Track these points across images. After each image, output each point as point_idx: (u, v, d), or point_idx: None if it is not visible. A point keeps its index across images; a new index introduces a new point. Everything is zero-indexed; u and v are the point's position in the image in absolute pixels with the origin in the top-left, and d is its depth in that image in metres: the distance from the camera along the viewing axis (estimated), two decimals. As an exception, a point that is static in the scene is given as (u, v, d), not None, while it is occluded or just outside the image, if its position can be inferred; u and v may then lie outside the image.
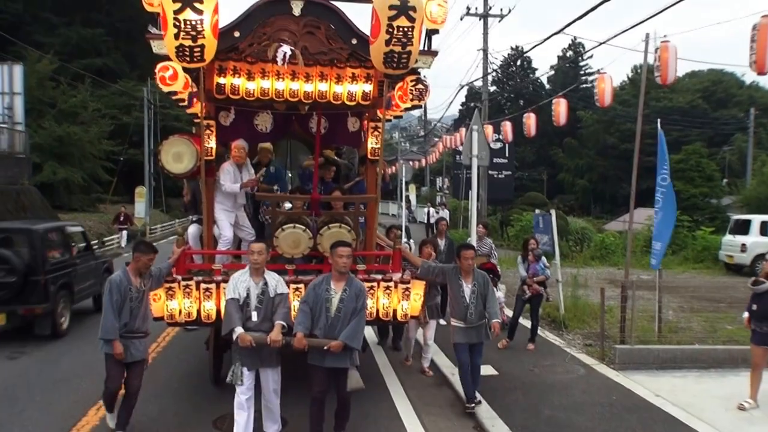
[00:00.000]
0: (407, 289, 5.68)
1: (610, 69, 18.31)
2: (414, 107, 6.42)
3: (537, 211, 12.34)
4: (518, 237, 20.46)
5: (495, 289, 6.29)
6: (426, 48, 5.52)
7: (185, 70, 5.29)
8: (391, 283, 5.63)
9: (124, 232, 22.37)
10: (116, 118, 29.55)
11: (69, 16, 30.84)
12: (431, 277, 6.06)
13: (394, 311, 5.69)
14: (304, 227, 5.77)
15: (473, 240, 8.85)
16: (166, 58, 5.14)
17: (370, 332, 8.79)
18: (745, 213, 20.31)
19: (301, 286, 5.40)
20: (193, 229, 6.92)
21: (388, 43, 4.71)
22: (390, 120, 7.72)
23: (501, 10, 25.57)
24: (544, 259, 8.55)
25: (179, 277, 5.42)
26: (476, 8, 24.09)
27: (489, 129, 20.50)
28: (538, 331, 8.55)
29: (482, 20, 24.12)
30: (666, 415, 5.86)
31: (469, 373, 5.92)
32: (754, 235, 16.54)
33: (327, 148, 7.13)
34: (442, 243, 8.68)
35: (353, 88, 5.77)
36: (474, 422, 5.81)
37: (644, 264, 10.56)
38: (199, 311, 5.43)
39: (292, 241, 5.72)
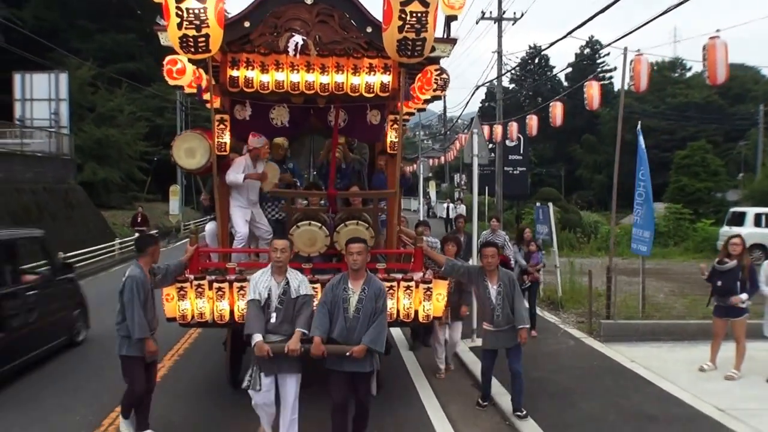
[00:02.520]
0: (429, 289, 5.10)
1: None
2: (434, 99, 5.89)
3: (538, 203, 12.08)
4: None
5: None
6: (445, 36, 5.00)
7: (192, 61, 4.84)
8: (412, 283, 5.07)
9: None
10: (150, 120, 29.70)
11: (103, 22, 30.63)
12: (456, 275, 5.52)
13: (416, 312, 5.13)
14: (320, 224, 5.28)
15: (474, 237, 8.37)
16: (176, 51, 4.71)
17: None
18: (752, 206, 20.31)
19: (318, 286, 4.89)
20: (210, 227, 6.46)
21: (401, 29, 4.18)
22: (413, 114, 7.20)
23: (514, 14, 25.08)
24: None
25: (191, 277, 4.97)
26: (490, 12, 23.94)
27: (499, 129, 20.63)
28: (538, 311, 8.79)
29: (497, 23, 23.54)
30: (636, 375, 6.51)
31: (491, 377, 5.45)
32: (748, 227, 16.77)
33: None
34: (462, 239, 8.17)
35: (371, 79, 5.29)
36: (472, 380, 6.29)
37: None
38: (212, 311, 4.98)
39: (308, 239, 5.23)
